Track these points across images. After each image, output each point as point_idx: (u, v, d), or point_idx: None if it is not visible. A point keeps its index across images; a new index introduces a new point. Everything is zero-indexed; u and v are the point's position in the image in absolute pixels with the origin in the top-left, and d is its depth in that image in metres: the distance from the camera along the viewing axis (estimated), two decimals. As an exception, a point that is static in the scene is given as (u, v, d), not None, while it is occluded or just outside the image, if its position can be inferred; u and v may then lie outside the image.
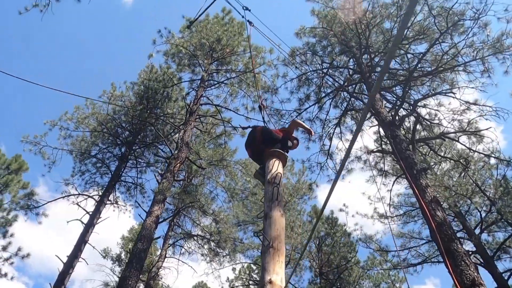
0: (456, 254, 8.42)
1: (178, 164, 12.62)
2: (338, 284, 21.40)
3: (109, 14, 66.87)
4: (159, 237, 13.98)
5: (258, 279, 22.41)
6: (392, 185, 14.43)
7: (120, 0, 68.59)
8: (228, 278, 23.73)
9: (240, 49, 17.52)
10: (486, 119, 13.15)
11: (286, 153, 5.99)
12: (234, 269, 23.87)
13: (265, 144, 5.96)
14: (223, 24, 17.47)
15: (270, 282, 4.31)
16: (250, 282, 23.57)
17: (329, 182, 15.78)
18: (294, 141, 6.52)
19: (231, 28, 17.33)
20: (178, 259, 16.72)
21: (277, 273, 4.43)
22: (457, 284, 8.15)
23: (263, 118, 7.15)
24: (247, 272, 24.00)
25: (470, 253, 16.52)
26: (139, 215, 16.36)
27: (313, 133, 7.15)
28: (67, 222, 14.76)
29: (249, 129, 6.74)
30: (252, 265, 23.78)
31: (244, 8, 9.30)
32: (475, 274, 8.03)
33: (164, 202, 11.94)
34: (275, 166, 5.70)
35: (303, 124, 6.61)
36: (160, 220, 12.33)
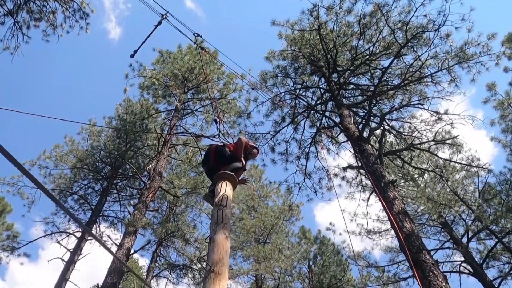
0: (424, 265, 8.35)
1: (151, 195, 12.60)
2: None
3: (98, 50, 67.58)
4: (128, 271, 13.79)
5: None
6: (368, 199, 14.40)
7: (107, 36, 69.44)
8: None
9: (214, 76, 17.70)
10: (453, 127, 13.20)
11: (234, 174, 5.99)
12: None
13: (217, 163, 6.02)
14: (195, 54, 17.69)
15: (209, 308, 4.22)
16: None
17: (309, 201, 15.65)
18: (254, 150, 6.61)
19: (204, 56, 17.55)
20: (164, 291, 16.50)
21: (216, 298, 4.34)
22: (426, 296, 8.10)
23: (218, 131, 7.27)
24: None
25: (459, 262, 16.44)
26: (108, 249, 16.11)
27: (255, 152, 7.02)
28: (48, 261, 14.65)
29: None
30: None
31: (196, 34, 9.46)
32: (443, 284, 7.95)
33: (135, 233, 11.87)
34: (223, 189, 5.69)
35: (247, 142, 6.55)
36: (132, 253, 12.23)
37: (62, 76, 64.58)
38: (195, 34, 9.59)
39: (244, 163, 6.39)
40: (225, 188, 5.66)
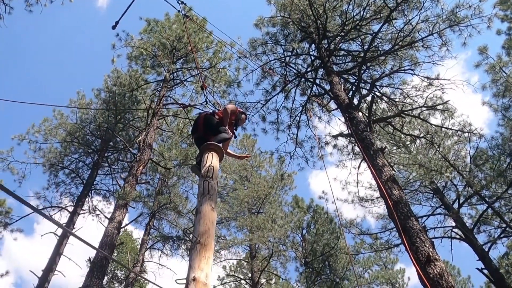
0: (411, 231, 8.35)
1: (141, 167, 12.50)
2: (328, 271, 21.38)
3: (85, 19, 65.98)
4: (121, 243, 13.84)
5: (249, 275, 22.41)
6: (358, 167, 14.36)
7: (95, 4, 67.80)
8: (219, 276, 23.69)
9: (203, 45, 17.33)
10: (443, 93, 13.05)
11: (221, 145, 5.93)
12: (224, 267, 23.83)
13: (206, 132, 6.02)
14: (183, 23, 17.26)
15: (194, 279, 4.15)
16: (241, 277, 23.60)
17: (301, 170, 15.63)
18: (242, 115, 6.65)
19: (192, 24, 17.14)
20: (158, 263, 16.63)
21: (202, 269, 4.25)
22: (413, 261, 8.14)
23: (206, 97, 7.22)
24: (238, 268, 23.99)
25: (451, 228, 16.57)
26: (100, 222, 16.23)
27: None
28: (41, 236, 14.67)
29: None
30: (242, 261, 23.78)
31: (180, 2, 9.13)
32: (430, 249, 7.96)
33: (126, 207, 11.83)
34: (209, 160, 5.63)
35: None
36: (123, 226, 12.21)
37: (50, 47, 63.30)
38: (179, 2, 9.25)
39: (231, 132, 6.33)
40: (212, 159, 5.60)
